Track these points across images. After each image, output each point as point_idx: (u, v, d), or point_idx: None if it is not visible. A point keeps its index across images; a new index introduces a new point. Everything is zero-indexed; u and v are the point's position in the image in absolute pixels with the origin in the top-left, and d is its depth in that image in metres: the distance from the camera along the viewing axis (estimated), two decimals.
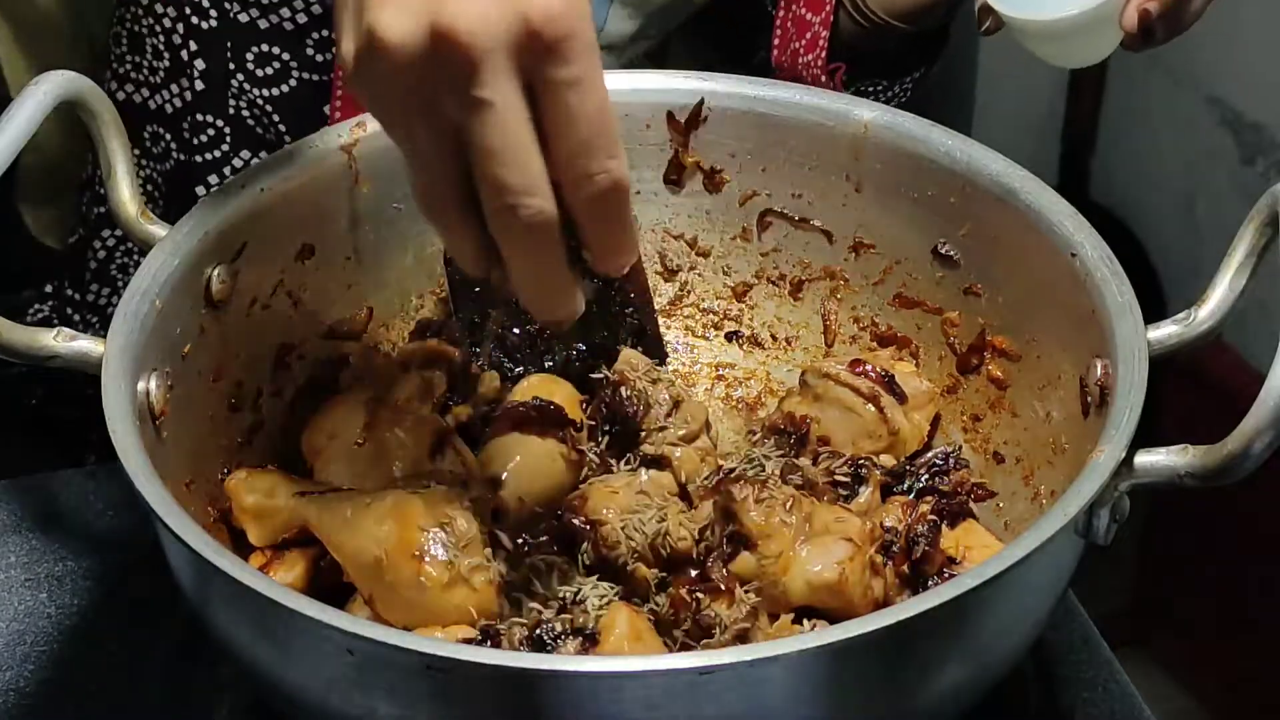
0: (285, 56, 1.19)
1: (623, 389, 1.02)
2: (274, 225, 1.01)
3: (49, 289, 1.29)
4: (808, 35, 1.29)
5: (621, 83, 1.10)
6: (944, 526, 0.95)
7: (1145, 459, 0.82)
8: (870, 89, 1.32)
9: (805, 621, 0.91)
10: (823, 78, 1.29)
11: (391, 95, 0.76)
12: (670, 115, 1.10)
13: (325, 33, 1.18)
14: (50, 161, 1.24)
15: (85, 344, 0.89)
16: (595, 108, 0.74)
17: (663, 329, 1.13)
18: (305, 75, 1.19)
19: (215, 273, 0.97)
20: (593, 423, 1.01)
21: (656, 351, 1.09)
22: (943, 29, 1.32)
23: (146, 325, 0.91)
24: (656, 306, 1.12)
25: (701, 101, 1.09)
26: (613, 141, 0.75)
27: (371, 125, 1.04)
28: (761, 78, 1.10)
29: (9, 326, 0.87)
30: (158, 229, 0.97)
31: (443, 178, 0.77)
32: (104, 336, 0.89)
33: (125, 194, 0.97)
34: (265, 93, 1.19)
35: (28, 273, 1.30)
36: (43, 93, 0.90)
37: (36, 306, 1.29)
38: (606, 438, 1.01)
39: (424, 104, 0.75)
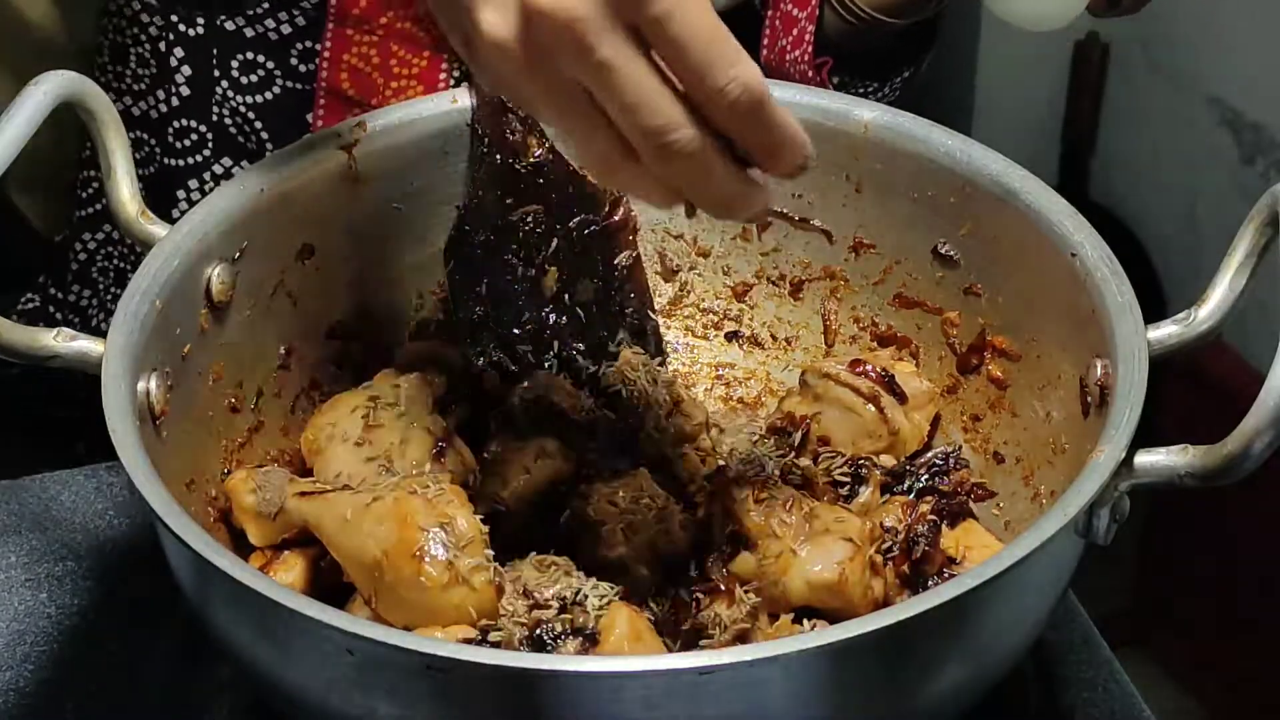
0: (270, 65, 1.19)
1: (623, 389, 1.02)
2: (274, 225, 1.01)
3: (40, 280, 1.30)
4: (794, 31, 1.30)
5: None
6: (944, 526, 0.95)
7: (1145, 459, 0.82)
8: (860, 90, 1.32)
9: (805, 621, 0.91)
10: (810, 73, 1.30)
11: (521, 83, 0.78)
12: None
13: (309, 43, 1.19)
14: (39, 153, 1.25)
15: (85, 344, 0.89)
16: (697, 27, 0.75)
17: (663, 329, 1.13)
18: (288, 84, 1.20)
19: (215, 273, 0.97)
20: (593, 422, 1.01)
21: (656, 351, 1.09)
22: (930, 25, 1.32)
23: (146, 325, 0.91)
24: (656, 306, 1.12)
25: None
26: (728, 50, 0.76)
27: (371, 125, 1.04)
28: None
29: (9, 327, 0.87)
30: (158, 229, 0.97)
31: (605, 140, 0.78)
32: (90, 336, 0.89)
33: (125, 194, 0.97)
34: (248, 100, 1.20)
35: (25, 269, 1.30)
36: (42, 93, 0.90)
37: (28, 296, 1.30)
38: (607, 437, 1.01)
39: (553, 82, 0.77)
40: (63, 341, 0.88)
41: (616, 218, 1.07)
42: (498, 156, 1.02)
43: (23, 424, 1.34)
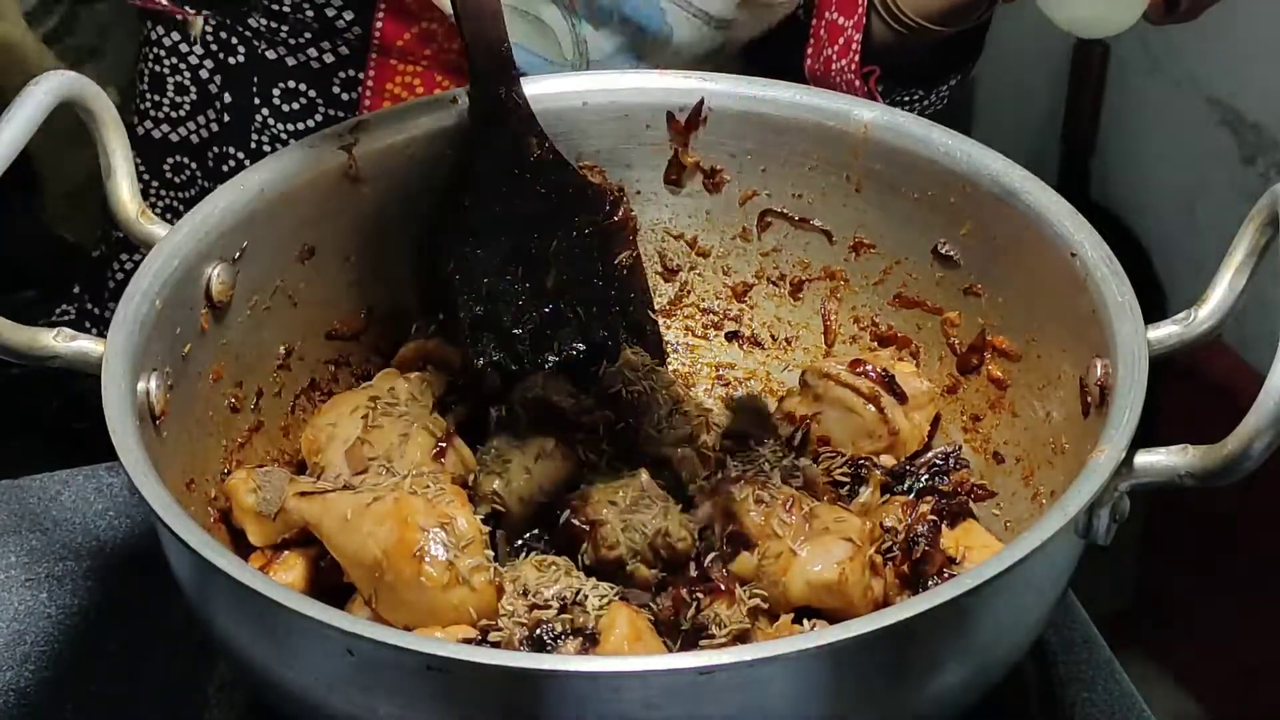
0: (312, 94, 1.20)
1: (623, 389, 1.02)
2: (274, 225, 1.01)
3: (76, 289, 1.30)
4: (840, 40, 1.29)
5: (621, 82, 1.10)
6: (944, 526, 0.95)
7: (1145, 459, 0.82)
8: (907, 98, 1.32)
9: (805, 621, 0.91)
10: (857, 82, 1.29)
11: None
12: (670, 115, 1.10)
13: (351, 72, 1.19)
14: (73, 169, 1.26)
15: (85, 344, 0.89)
16: None
17: (663, 329, 1.13)
18: (330, 112, 1.20)
19: (215, 273, 0.97)
20: (593, 422, 1.01)
21: (656, 351, 1.09)
22: (976, 33, 1.31)
23: (146, 325, 0.91)
24: (656, 306, 1.12)
25: (701, 101, 1.09)
26: None
27: (371, 125, 1.04)
28: (761, 78, 1.10)
29: (10, 327, 0.87)
30: (158, 229, 0.97)
31: None
32: (90, 336, 0.89)
33: (125, 194, 0.97)
34: (289, 128, 1.20)
35: (58, 274, 1.30)
36: (42, 93, 0.90)
37: (63, 308, 1.30)
38: (607, 437, 1.01)
39: None
40: (63, 341, 0.88)
41: (616, 218, 1.07)
42: (498, 156, 1.02)
43: (24, 426, 1.34)
